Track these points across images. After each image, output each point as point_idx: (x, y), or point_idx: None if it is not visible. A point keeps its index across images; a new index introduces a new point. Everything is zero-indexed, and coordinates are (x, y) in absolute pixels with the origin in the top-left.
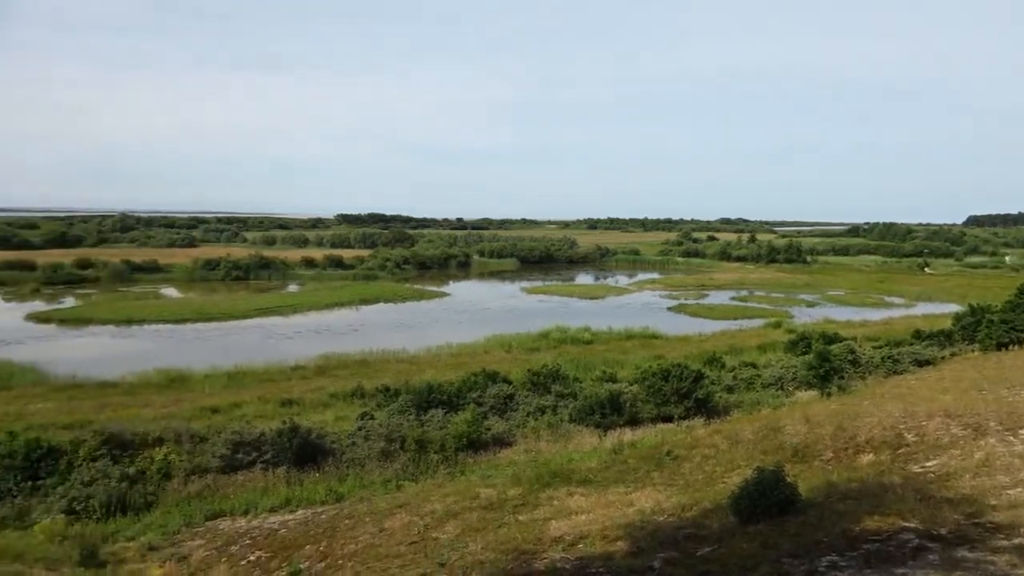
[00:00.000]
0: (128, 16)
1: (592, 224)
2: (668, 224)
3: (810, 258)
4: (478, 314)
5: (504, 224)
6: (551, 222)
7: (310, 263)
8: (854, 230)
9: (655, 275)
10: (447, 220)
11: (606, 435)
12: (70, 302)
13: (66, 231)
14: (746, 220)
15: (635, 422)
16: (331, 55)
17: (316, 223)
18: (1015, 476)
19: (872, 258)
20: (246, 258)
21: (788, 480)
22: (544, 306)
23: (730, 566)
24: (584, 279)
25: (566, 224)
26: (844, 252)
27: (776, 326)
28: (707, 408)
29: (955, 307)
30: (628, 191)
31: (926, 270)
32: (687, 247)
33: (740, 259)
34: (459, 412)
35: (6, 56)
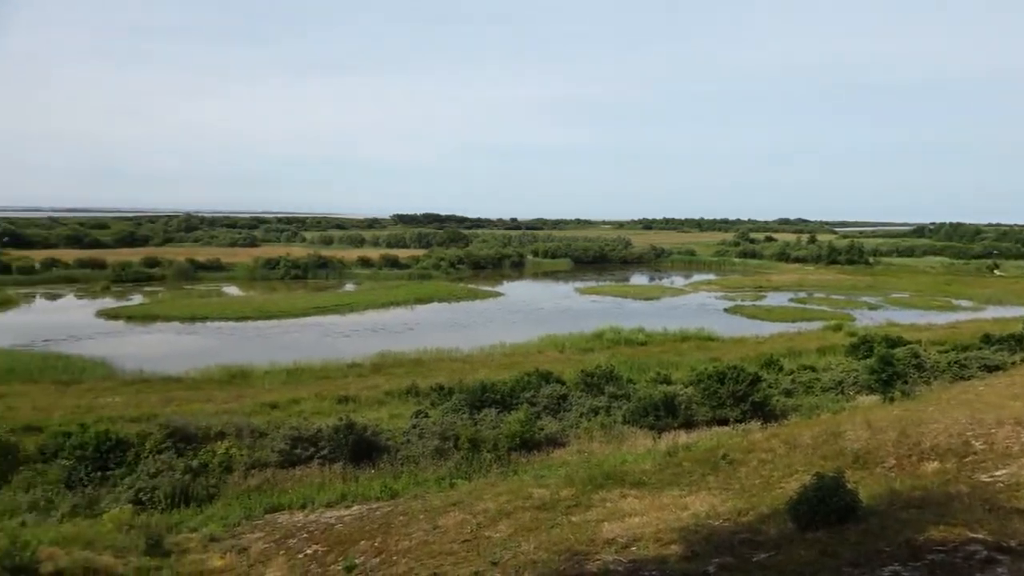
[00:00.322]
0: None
1: (647, 224)
2: (724, 224)
3: (872, 259)
4: (531, 314)
5: (558, 224)
6: (605, 222)
7: (366, 263)
8: (919, 230)
9: (711, 276)
10: (501, 220)
11: (660, 437)
12: (138, 299)
13: (134, 231)
14: (805, 220)
15: (690, 425)
16: (387, 57)
17: (372, 223)
18: None
19: (938, 259)
20: (305, 257)
21: (848, 487)
22: (598, 306)
23: (788, 573)
24: (638, 280)
25: (620, 224)
26: (908, 253)
27: (836, 329)
28: (764, 412)
29: None
30: (684, 191)
31: (996, 272)
32: (744, 248)
33: (799, 260)
34: (512, 412)
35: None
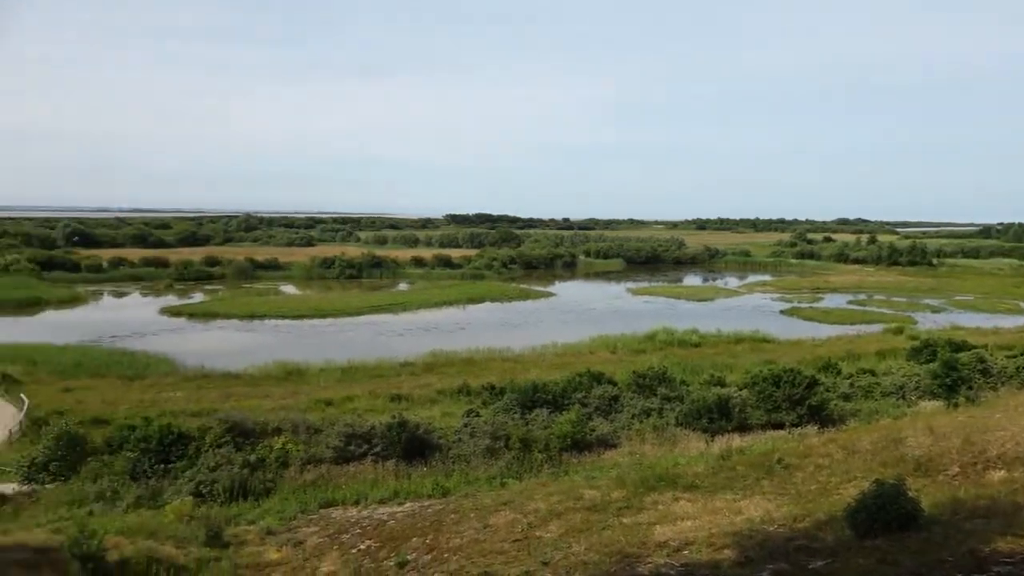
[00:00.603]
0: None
1: (701, 224)
2: (781, 224)
3: (936, 260)
4: (583, 314)
5: (611, 224)
6: (658, 222)
7: (419, 262)
8: (986, 231)
9: (766, 277)
10: (553, 220)
11: (713, 440)
12: (199, 297)
13: (196, 231)
14: (865, 220)
15: (744, 428)
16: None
17: (426, 223)
18: None
19: (1007, 261)
20: (359, 257)
21: (910, 494)
22: (650, 307)
23: None
24: (692, 280)
25: (674, 224)
26: (974, 254)
27: (898, 332)
28: (821, 416)
29: None
30: (739, 191)
31: None
32: (801, 248)
33: (858, 261)
34: (563, 412)
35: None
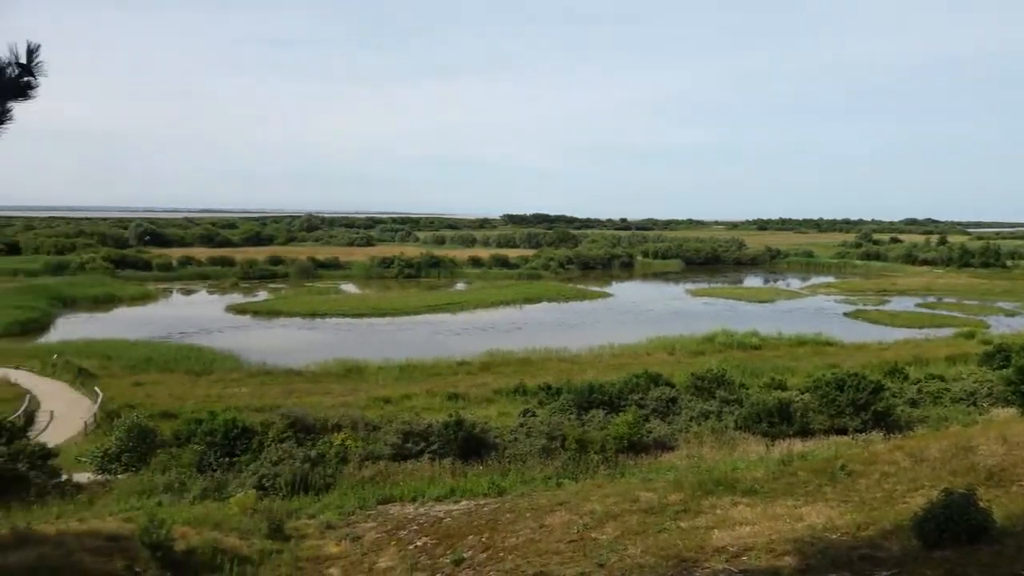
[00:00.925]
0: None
1: (762, 225)
2: (845, 225)
3: (1010, 262)
4: (641, 315)
5: (669, 224)
6: (718, 223)
7: (477, 262)
8: None
9: (830, 278)
10: (611, 220)
11: (773, 444)
12: (263, 295)
13: (260, 230)
14: (935, 220)
15: (805, 433)
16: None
17: (483, 223)
18: None
19: None
20: (417, 257)
21: (981, 505)
22: (709, 308)
23: None
24: (752, 282)
25: (734, 225)
26: None
27: (969, 336)
28: (887, 422)
29: None
30: (801, 190)
31: None
32: (866, 249)
33: (927, 263)
34: (620, 413)
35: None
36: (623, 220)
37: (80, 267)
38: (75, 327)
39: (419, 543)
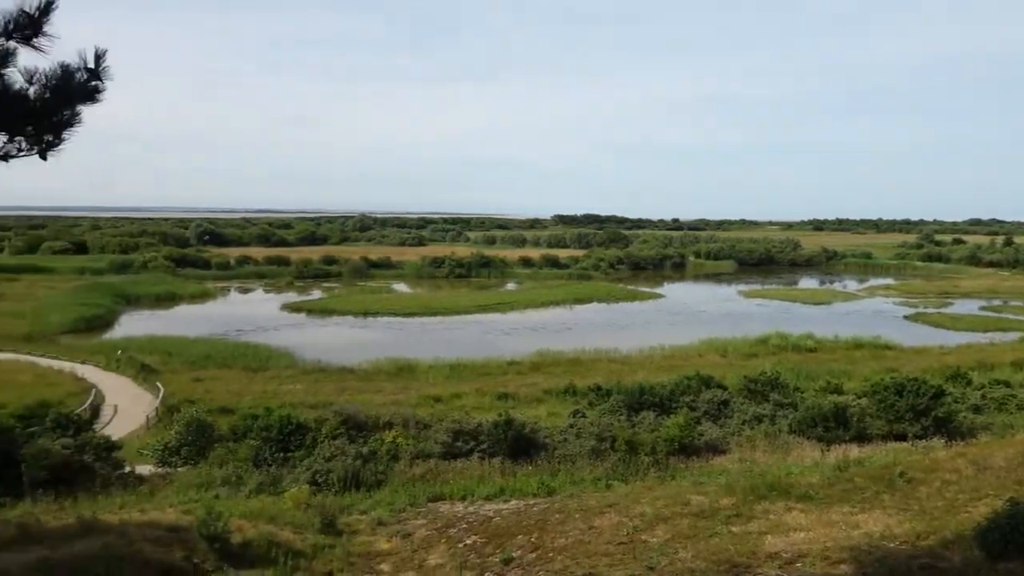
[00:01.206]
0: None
1: (818, 225)
2: (905, 225)
3: None
4: (692, 316)
5: (722, 225)
6: (772, 223)
7: (527, 262)
8: None
9: (889, 280)
10: (662, 221)
11: (829, 450)
12: (317, 294)
13: (315, 230)
14: (1000, 221)
15: (862, 438)
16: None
17: (534, 223)
18: None
19: None
20: (468, 257)
21: None
22: (763, 310)
23: None
24: (808, 283)
25: (789, 225)
26: None
27: None
28: (948, 428)
29: None
30: (859, 190)
31: None
32: (927, 250)
33: (993, 264)
34: (671, 415)
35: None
36: (675, 220)
37: (143, 266)
38: (138, 324)
39: (468, 541)
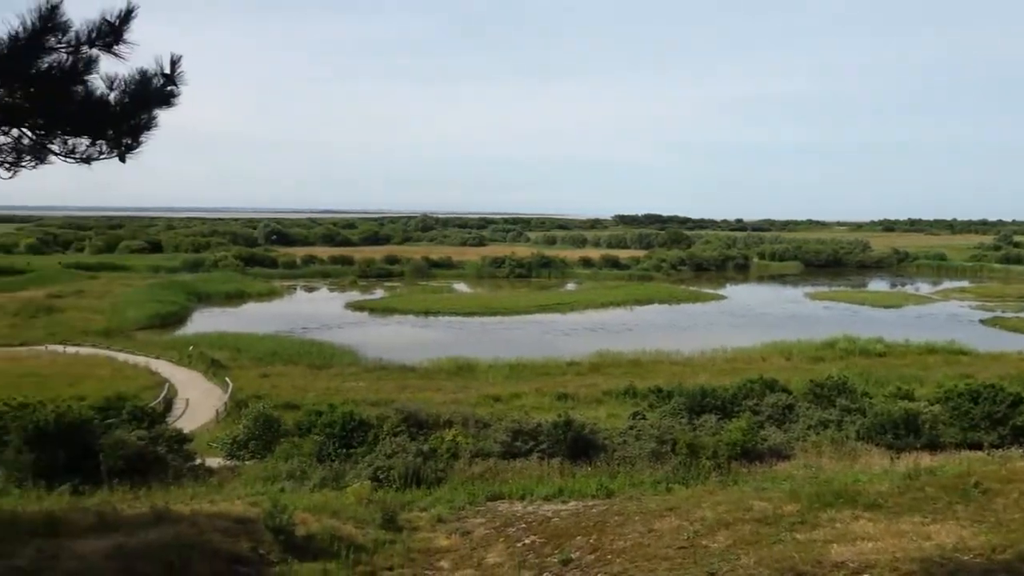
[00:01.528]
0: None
1: (888, 226)
2: (982, 226)
3: None
4: (756, 319)
5: (787, 225)
6: (840, 223)
7: (587, 263)
8: None
9: (964, 283)
10: (726, 221)
11: (899, 457)
12: (379, 293)
13: (378, 230)
14: None
15: (934, 446)
16: (605, 58)
17: (594, 224)
18: None
19: None
20: (528, 257)
21: None
22: (830, 313)
23: None
24: (878, 285)
25: (858, 226)
26: None
27: None
28: None
29: None
30: (933, 189)
31: None
32: (1005, 252)
33: None
34: (733, 419)
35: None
36: (738, 221)
37: (214, 264)
38: (209, 321)
39: (527, 541)
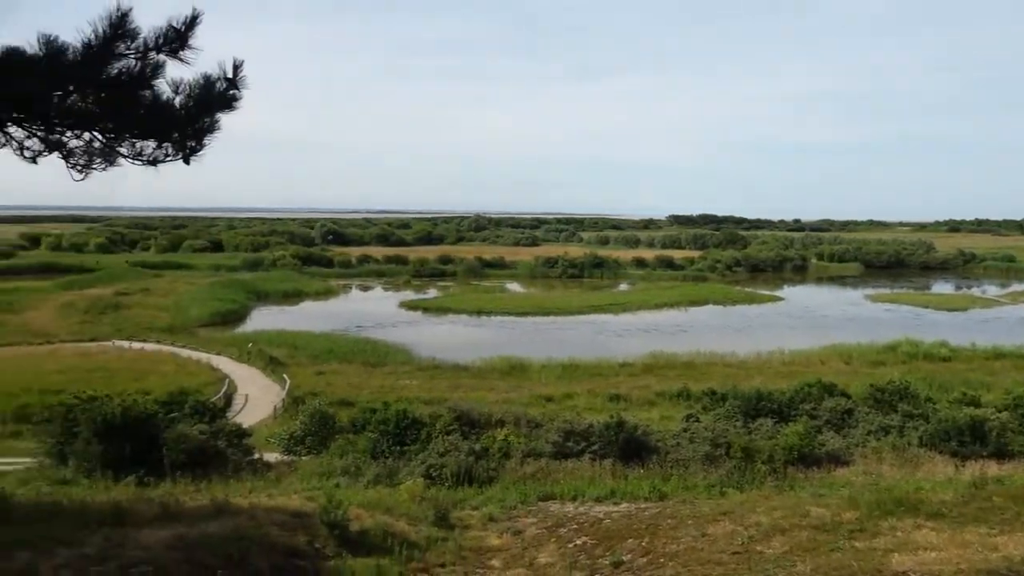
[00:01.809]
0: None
1: (954, 226)
2: None
3: None
4: (814, 321)
5: (847, 226)
6: (903, 223)
7: (641, 263)
8: None
9: None
10: (783, 221)
11: (963, 465)
12: (433, 293)
13: (431, 230)
14: None
15: (1002, 455)
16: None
17: (648, 224)
18: None
19: None
20: (581, 257)
21: None
22: (891, 316)
23: None
24: (942, 288)
25: (921, 226)
26: None
27: None
28: None
29: None
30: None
31: None
32: None
33: None
34: (790, 423)
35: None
36: (796, 221)
37: (272, 264)
38: (267, 319)
39: (578, 542)
